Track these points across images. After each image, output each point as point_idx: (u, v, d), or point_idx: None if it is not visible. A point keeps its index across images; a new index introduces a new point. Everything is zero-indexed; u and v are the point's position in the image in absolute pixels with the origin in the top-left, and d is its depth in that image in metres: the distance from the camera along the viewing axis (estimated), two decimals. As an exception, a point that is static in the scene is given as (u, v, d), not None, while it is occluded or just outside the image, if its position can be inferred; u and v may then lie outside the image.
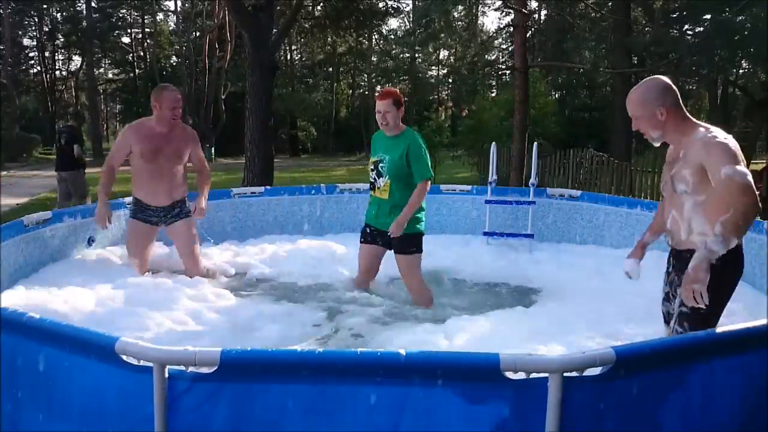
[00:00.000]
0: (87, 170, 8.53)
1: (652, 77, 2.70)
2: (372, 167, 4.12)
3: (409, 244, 4.03)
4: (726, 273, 2.50)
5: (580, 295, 4.15)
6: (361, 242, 4.27)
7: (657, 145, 2.76)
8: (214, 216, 5.47)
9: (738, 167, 2.38)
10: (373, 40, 37.06)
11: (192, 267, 4.54)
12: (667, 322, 2.83)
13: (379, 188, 4.07)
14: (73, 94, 43.82)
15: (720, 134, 2.53)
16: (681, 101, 2.67)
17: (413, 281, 4.10)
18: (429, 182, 4.02)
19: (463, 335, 3.31)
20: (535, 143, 6.64)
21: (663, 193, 2.84)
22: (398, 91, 4.21)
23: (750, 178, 2.38)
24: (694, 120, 2.66)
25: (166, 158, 4.40)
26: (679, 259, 2.71)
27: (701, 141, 2.51)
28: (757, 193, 2.40)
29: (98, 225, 4.41)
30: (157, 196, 4.44)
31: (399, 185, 4.00)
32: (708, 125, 2.62)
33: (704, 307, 2.36)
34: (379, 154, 4.08)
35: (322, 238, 5.75)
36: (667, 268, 2.84)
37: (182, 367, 1.78)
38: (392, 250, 4.11)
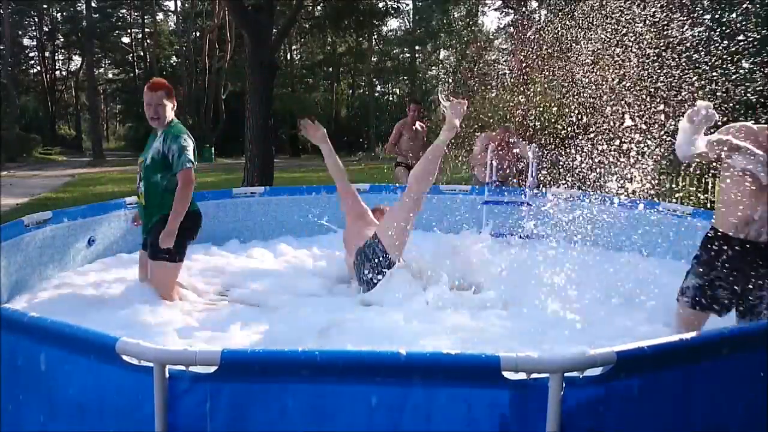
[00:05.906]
0: (85, 170, 8.57)
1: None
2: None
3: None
4: None
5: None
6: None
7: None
8: (211, 216, 5.46)
9: None
10: (373, 41, 37.05)
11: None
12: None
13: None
14: (73, 94, 43.84)
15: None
16: None
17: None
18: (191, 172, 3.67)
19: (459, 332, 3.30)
20: (535, 143, 6.64)
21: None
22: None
23: None
24: None
25: None
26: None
27: None
28: None
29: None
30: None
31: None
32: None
33: None
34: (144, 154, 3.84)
35: (324, 238, 5.73)
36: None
37: (182, 367, 1.78)
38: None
